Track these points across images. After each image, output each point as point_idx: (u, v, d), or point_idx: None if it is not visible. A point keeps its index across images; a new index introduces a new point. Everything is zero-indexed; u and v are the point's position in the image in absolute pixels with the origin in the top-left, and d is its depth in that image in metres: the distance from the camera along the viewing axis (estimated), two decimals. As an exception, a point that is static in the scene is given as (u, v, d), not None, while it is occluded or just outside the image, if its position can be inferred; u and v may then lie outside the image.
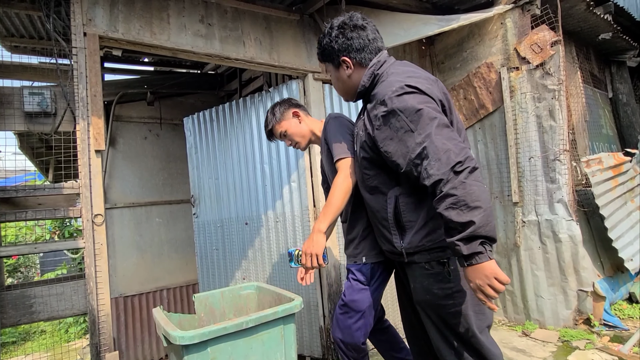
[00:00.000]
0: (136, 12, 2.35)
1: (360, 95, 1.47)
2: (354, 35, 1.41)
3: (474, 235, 1.09)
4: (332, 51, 1.44)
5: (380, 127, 1.28)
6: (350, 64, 1.43)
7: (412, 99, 1.22)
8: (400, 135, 1.22)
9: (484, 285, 1.11)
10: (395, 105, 1.22)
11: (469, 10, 3.08)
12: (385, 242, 1.48)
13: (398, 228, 1.37)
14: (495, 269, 1.10)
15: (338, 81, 1.51)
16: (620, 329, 2.71)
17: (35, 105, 2.70)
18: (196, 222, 3.48)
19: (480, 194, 1.11)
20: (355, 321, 1.68)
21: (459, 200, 1.10)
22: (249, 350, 1.38)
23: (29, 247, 2.10)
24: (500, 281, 1.10)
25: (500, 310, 3.24)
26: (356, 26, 1.42)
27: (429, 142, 1.16)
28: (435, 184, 1.15)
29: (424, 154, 1.16)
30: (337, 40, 1.42)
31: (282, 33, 2.90)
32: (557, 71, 2.82)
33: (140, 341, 3.83)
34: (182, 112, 4.12)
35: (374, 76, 1.40)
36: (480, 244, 1.10)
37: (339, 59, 1.44)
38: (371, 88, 1.41)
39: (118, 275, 3.77)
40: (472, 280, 1.14)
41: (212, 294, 1.84)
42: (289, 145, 1.91)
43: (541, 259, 2.93)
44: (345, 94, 1.54)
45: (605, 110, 4.29)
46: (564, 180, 2.81)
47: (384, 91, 1.28)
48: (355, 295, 1.69)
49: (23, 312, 2.06)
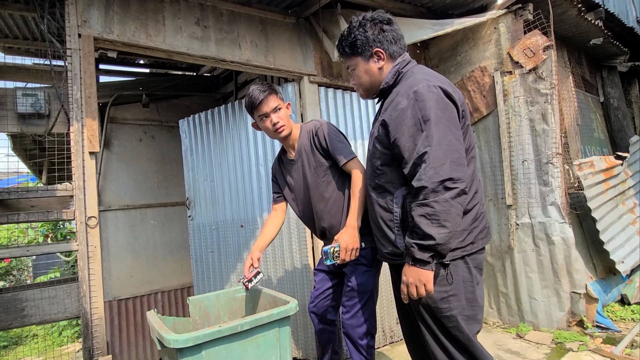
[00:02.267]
0: (131, 13, 2.35)
1: (381, 92, 1.47)
2: (387, 28, 1.43)
3: (429, 247, 1.21)
4: (365, 42, 1.42)
5: (397, 118, 1.31)
6: (383, 55, 1.43)
7: (435, 101, 1.25)
8: (412, 131, 1.26)
9: (413, 285, 1.26)
10: (418, 101, 1.26)
11: (463, 15, 3.11)
12: (386, 243, 1.46)
13: (403, 228, 1.37)
14: (429, 279, 1.24)
15: (366, 74, 1.47)
16: (612, 330, 2.73)
17: (29, 106, 2.68)
18: (191, 225, 3.46)
19: (454, 216, 1.20)
20: (363, 304, 1.74)
21: (434, 214, 1.18)
22: (244, 354, 1.37)
23: (21, 249, 2.07)
24: (426, 289, 1.25)
25: (494, 313, 3.26)
26: (389, 20, 1.44)
27: (433, 148, 1.21)
28: (422, 189, 1.21)
29: (425, 158, 1.22)
30: (374, 31, 1.42)
31: (278, 36, 2.91)
32: (549, 75, 2.86)
33: (134, 345, 3.79)
34: (177, 115, 4.11)
35: (398, 74, 1.41)
36: (430, 256, 1.22)
37: (372, 50, 1.42)
38: (393, 86, 1.42)
39: (112, 278, 3.73)
40: (407, 276, 1.28)
41: (207, 296, 1.83)
42: (274, 122, 1.78)
43: (535, 261, 2.96)
44: (369, 89, 1.51)
45: (597, 114, 4.35)
46: (556, 183, 2.84)
47: (411, 84, 1.31)
48: (360, 278, 1.75)
49: (15, 315, 2.03)
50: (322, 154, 1.81)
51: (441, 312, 1.32)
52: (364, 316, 1.75)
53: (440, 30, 2.91)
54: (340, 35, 1.51)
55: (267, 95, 1.77)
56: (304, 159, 1.85)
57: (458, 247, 1.31)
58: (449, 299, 1.32)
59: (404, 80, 1.38)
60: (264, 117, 1.79)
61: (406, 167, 1.29)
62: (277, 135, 1.82)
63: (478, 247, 1.36)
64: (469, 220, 1.34)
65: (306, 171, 1.85)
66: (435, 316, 1.34)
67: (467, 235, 1.33)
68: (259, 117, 1.80)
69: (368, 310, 1.76)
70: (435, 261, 1.23)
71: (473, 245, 1.35)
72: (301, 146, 1.86)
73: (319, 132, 1.81)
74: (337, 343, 2.05)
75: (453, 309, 1.31)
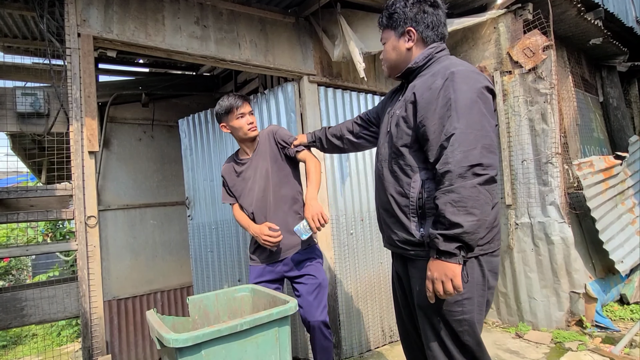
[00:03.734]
0: (131, 13, 2.35)
1: (407, 72, 1.41)
2: (430, 10, 1.37)
3: (456, 237, 1.12)
4: (402, 17, 1.38)
5: (430, 97, 1.24)
6: (415, 36, 1.38)
7: (472, 85, 1.20)
8: (442, 112, 1.20)
9: (439, 280, 1.16)
10: (455, 82, 1.20)
11: (462, 15, 3.11)
12: (400, 229, 1.35)
13: (419, 214, 1.29)
14: (456, 274, 1.14)
15: (393, 50, 1.43)
16: (611, 330, 2.74)
17: (28, 106, 2.68)
18: (191, 224, 3.46)
19: (483, 204, 1.11)
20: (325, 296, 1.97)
21: (461, 200, 1.11)
22: (244, 353, 1.37)
23: (21, 249, 2.07)
24: (453, 285, 1.14)
25: (494, 312, 3.26)
26: (435, 3, 1.38)
27: (465, 131, 1.14)
28: (447, 173, 1.15)
29: (454, 140, 1.15)
30: (413, 9, 1.37)
31: (278, 35, 2.91)
32: (549, 75, 2.86)
33: (134, 344, 3.79)
34: (177, 114, 4.11)
35: (430, 57, 1.36)
36: (457, 247, 1.13)
37: (405, 27, 1.38)
38: (423, 68, 1.37)
39: (111, 277, 3.73)
40: (432, 271, 1.18)
41: (207, 296, 1.83)
42: (249, 122, 2.02)
43: (534, 261, 2.96)
44: (393, 66, 1.46)
45: (596, 114, 4.35)
46: (556, 183, 2.85)
47: (448, 66, 1.26)
48: (323, 274, 2.01)
49: (14, 315, 2.03)
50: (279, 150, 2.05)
51: (453, 316, 1.25)
52: (327, 308, 1.99)
53: (440, 30, 2.90)
54: (385, 4, 1.46)
55: (244, 100, 2.04)
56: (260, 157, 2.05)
57: (479, 244, 1.22)
58: (463, 302, 1.24)
59: (437, 64, 1.32)
60: (240, 117, 2.01)
61: (431, 149, 1.22)
62: (248, 134, 2.03)
63: (495, 248, 1.30)
64: (492, 218, 1.25)
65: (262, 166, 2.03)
66: (445, 319, 1.26)
67: (488, 233, 1.26)
68: (237, 115, 2.01)
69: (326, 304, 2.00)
70: (462, 253, 1.14)
71: (490, 245, 1.28)
72: (259, 148, 2.08)
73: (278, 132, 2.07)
74: None
75: (466, 313, 1.24)
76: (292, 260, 1.99)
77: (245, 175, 2.08)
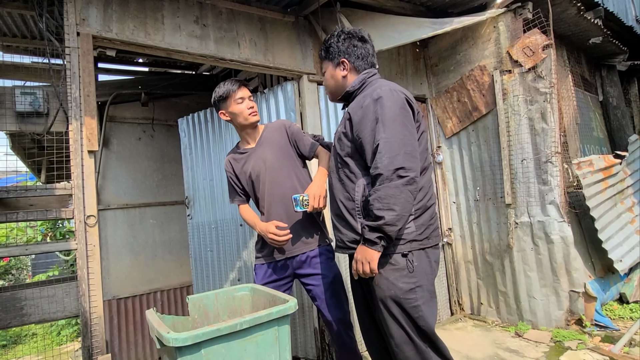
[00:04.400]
0: (130, 12, 2.34)
1: (346, 95, 1.66)
2: (359, 44, 1.64)
3: (377, 228, 1.37)
4: (337, 51, 1.65)
5: (361, 114, 1.48)
6: (348, 66, 1.64)
7: (394, 101, 1.44)
8: (373, 126, 1.44)
9: (360, 262, 1.44)
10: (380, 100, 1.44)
11: (462, 14, 3.11)
12: (349, 231, 1.56)
13: (364, 215, 1.49)
14: (374, 259, 1.41)
15: (332, 78, 1.69)
16: (611, 329, 2.74)
17: (28, 105, 2.67)
18: (190, 224, 3.46)
19: (403, 202, 1.35)
20: (342, 292, 1.95)
21: (385, 197, 1.35)
22: (243, 352, 1.37)
23: (20, 248, 2.07)
24: (370, 267, 1.41)
25: (493, 311, 3.27)
26: (363, 38, 1.65)
27: (390, 140, 1.38)
28: (377, 176, 1.39)
29: (381, 148, 1.38)
30: (345, 43, 1.64)
31: (277, 34, 2.91)
32: (548, 74, 2.86)
33: (134, 344, 3.79)
34: (176, 113, 4.11)
35: (364, 82, 1.61)
36: (377, 237, 1.38)
37: (339, 59, 1.64)
38: (359, 91, 1.61)
39: (111, 277, 3.73)
40: (357, 253, 1.45)
41: (206, 295, 1.83)
42: (249, 106, 1.95)
43: (534, 260, 2.96)
44: (333, 91, 1.73)
45: (596, 113, 4.35)
46: (555, 182, 2.85)
47: (376, 88, 1.50)
48: (336, 269, 1.98)
49: (13, 314, 2.03)
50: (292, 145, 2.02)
51: (409, 303, 1.44)
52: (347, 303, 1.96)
53: (440, 29, 2.90)
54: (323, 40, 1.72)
55: (242, 84, 1.97)
56: (267, 147, 1.99)
57: (416, 239, 1.47)
58: (416, 290, 1.45)
59: (369, 86, 1.57)
60: (240, 101, 1.94)
61: (367, 157, 1.46)
62: (249, 119, 1.95)
63: (433, 243, 1.53)
64: (427, 217, 1.51)
65: (270, 157, 1.97)
66: (402, 307, 1.44)
67: (425, 230, 1.49)
68: (237, 100, 1.93)
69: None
70: (383, 243, 1.38)
71: (428, 240, 1.51)
72: (265, 138, 2.02)
73: (292, 127, 2.03)
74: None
75: (419, 299, 1.45)
76: (303, 258, 1.93)
77: (251, 166, 1.97)
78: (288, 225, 1.89)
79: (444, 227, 3.60)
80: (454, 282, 3.56)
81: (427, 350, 1.46)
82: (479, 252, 3.36)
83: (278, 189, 1.93)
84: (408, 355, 1.46)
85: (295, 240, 1.92)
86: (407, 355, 1.46)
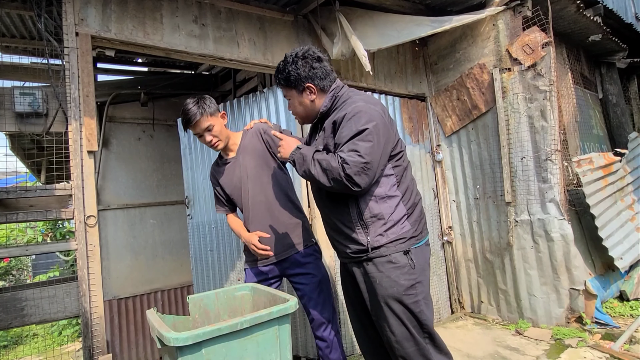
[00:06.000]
0: (129, 12, 2.34)
1: (321, 116, 1.64)
2: (317, 65, 1.59)
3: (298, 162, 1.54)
4: (298, 78, 1.59)
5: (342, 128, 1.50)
6: (314, 90, 1.60)
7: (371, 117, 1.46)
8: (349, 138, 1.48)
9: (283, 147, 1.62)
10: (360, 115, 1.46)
11: (461, 12, 3.10)
12: (350, 243, 1.57)
13: (362, 226, 1.53)
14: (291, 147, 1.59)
15: (300, 105, 1.65)
16: (611, 326, 2.74)
17: (27, 105, 2.68)
18: (190, 224, 3.46)
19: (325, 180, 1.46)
20: (329, 292, 2.00)
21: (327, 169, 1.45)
22: (244, 352, 1.37)
23: (20, 249, 2.07)
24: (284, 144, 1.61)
25: (493, 309, 3.27)
26: (318, 58, 1.61)
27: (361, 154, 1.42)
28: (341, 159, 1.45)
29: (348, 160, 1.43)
30: (304, 68, 1.58)
31: (276, 34, 2.90)
32: (548, 72, 2.86)
33: (135, 344, 3.80)
34: (176, 113, 4.10)
35: (335, 98, 1.60)
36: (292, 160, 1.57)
37: (304, 85, 1.59)
38: (333, 109, 1.60)
39: (112, 277, 3.73)
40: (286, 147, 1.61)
41: (207, 295, 1.83)
42: (208, 140, 1.91)
43: (534, 258, 2.96)
44: (306, 117, 1.69)
45: (596, 110, 4.35)
46: (555, 180, 2.85)
47: (352, 103, 1.52)
48: (324, 269, 2.02)
49: (14, 315, 2.03)
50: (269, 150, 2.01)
51: (410, 299, 1.48)
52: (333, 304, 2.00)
53: (439, 27, 2.90)
54: (276, 68, 1.66)
55: (198, 118, 1.87)
56: (247, 155, 1.99)
57: (413, 235, 1.53)
58: (416, 286, 1.49)
59: (343, 103, 1.57)
60: (198, 136, 1.94)
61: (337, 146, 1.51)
62: (214, 149, 1.98)
63: (424, 237, 1.59)
64: (417, 213, 1.57)
65: (250, 165, 1.98)
66: (404, 304, 1.48)
67: (418, 225, 1.56)
68: (195, 134, 1.95)
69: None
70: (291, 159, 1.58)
71: (422, 234, 1.57)
72: (244, 146, 2.01)
73: (267, 131, 2.01)
74: None
75: (419, 294, 1.49)
76: (290, 259, 1.98)
77: (233, 176, 2.01)
78: (273, 232, 1.94)
79: (444, 225, 3.60)
80: (454, 280, 3.56)
81: (426, 346, 1.50)
82: (479, 250, 3.36)
83: (259, 196, 1.97)
84: (408, 351, 1.49)
85: (282, 244, 1.97)
86: (407, 351, 1.49)
